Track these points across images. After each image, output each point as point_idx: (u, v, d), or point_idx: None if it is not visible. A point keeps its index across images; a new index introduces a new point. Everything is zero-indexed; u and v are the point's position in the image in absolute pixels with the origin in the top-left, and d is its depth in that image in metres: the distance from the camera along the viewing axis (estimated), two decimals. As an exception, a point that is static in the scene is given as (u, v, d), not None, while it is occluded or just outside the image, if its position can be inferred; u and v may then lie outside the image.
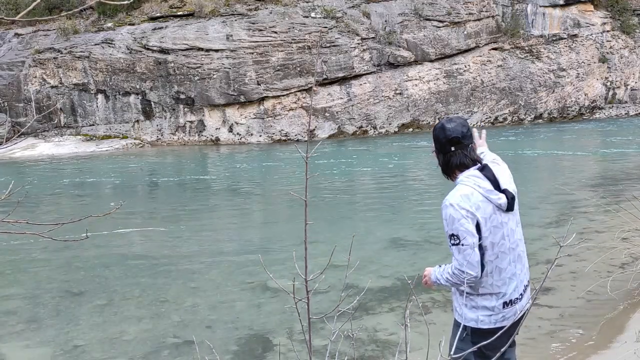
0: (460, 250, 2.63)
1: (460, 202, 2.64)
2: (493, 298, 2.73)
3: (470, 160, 2.77)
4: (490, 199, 2.69)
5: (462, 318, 2.78)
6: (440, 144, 2.76)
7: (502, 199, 2.72)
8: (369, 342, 4.88)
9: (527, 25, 25.12)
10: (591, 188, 11.50)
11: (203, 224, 9.78)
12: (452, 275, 2.70)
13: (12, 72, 22.82)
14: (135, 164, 17.98)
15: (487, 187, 2.71)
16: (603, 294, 5.31)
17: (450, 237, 2.65)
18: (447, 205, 2.66)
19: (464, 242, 2.62)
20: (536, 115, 25.07)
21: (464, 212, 2.62)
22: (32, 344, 5.20)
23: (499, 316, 2.73)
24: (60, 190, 13.96)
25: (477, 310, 2.74)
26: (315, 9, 22.95)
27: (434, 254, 7.18)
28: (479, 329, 2.72)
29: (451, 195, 2.69)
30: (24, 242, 8.51)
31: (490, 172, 2.77)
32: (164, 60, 21.78)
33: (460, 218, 2.62)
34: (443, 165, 2.80)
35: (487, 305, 2.73)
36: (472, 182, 2.70)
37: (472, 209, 2.64)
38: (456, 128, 2.75)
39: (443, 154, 2.77)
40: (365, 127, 22.81)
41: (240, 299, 6.06)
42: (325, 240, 7.92)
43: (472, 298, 2.75)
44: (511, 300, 2.76)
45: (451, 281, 2.73)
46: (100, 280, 6.88)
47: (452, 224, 2.63)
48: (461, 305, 2.79)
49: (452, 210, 2.64)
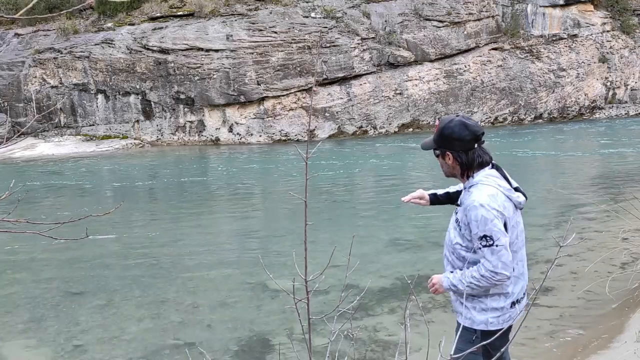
0: (494, 251, 2.56)
1: (490, 202, 2.59)
2: (502, 298, 2.70)
3: (489, 157, 2.73)
4: (511, 197, 2.66)
5: (472, 322, 2.73)
6: (464, 141, 2.67)
7: (521, 197, 2.71)
8: (369, 342, 4.88)
9: (527, 25, 25.11)
10: (591, 188, 11.50)
11: (203, 224, 9.77)
12: (481, 279, 2.60)
13: (12, 72, 22.81)
14: (135, 164, 17.98)
15: (506, 186, 2.68)
16: (603, 294, 5.31)
17: (482, 238, 2.57)
18: (477, 207, 2.58)
19: (498, 243, 2.55)
20: (536, 115, 25.07)
21: (495, 213, 2.57)
22: (32, 344, 5.20)
23: (506, 316, 2.71)
24: (60, 190, 13.96)
25: (487, 313, 2.71)
26: (315, 9, 22.95)
27: (434, 254, 7.18)
28: (488, 331, 2.69)
29: (478, 195, 2.61)
30: (24, 242, 8.50)
31: (502, 171, 2.75)
32: (164, 60, 21.78)
33: (492, 218, 2.56)
34: (466, 165, 2.70)
35: (496, 306, 2.70)
36: (493, 182, 2.66)
37: (500, 208, 2.59)
38: (477, 125, 2.71)
39: (466, 151, 2.69)
40: (365, 127, 22.80)
41: (240, 299, 6.06)
42: (325, 240, 7.92)
43: (482, 300, 2.71)
44: (518, 300, 2.75)
45: (477, 286, 2.63)
46: (100, 280, 6.88)
47: (485, 224, 2.56)
48: (469, 309, 2.74)
49: (483, 211, 2.57)
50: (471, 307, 2.74)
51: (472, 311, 2.74)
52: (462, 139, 2.67)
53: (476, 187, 2.67)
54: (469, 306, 2.75)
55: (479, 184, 2.67)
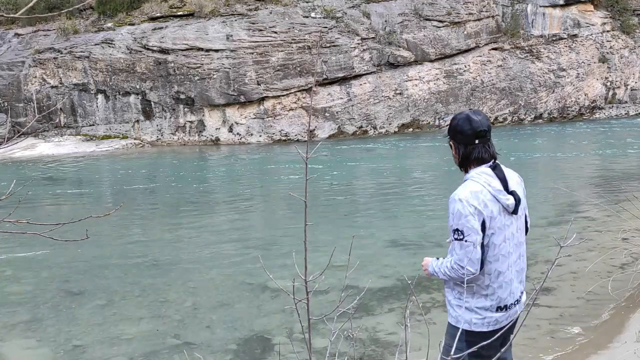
0: (463, 246, 2.61)
1: (470, 198, 2.62)
2: (487, 300, 2.71)
3: (489, 155, 2.74)
4: (498, 198, 2.67)
5: (456, 320, 2.76)
6: (465, 135, 2.71)
7: (510, 200, 2.70)
8: (369, 342, 4.88)
9: (527, 25, 25.11)
10: (591, 188, 11.50)
11: (203, 224, 9.77)
12: (450, 270, 2.69)
13: (12, 72, 22.81)
14: (135, 164, 17.98)
15: (496, 186, 2.69)
16: (603, 294, 5.31)
17: (454, 231, 2.63)
18: (455, 200, 2.64)
19: (467, 239, 2.60)
20: (536, 115, 25.07)
21: (471, 209, 2.60)
22: (32, 344, 5.20)
23: (492, 319, 2.71)
24: (60, 190, 13.96)
25: (471, 313, 2.73)
26: (315, 9, 22.95)
27: (434, 254, 7.16)
28: (471, 331, 2.71)
29: (460, 190, 2.67)
30: (24, 242, 8.50)
31: (501, 172, 2.75)
32: (164, 60, 21.78)
33: (467, 214, 2.59)
34: (462, 157, 2.75)
35: (479, 307, 2.71)
36: (483, 180, 2.68)
37: (480, 206, 2.61)
38: (483, 121, 2.72)
39: (465, 145, 2.72)
40: (365, 127, 22.80)
41: (240, 299, 6.06)
42: (325, 240, 7.92)
43: (467, 300, 2.73)
44: (506, 306, 2.73)
45: (449, 275, 2.72)
46: (100, 280, 6.88)
47: (459, 219, 2.61)
48: (455, 307, 2.78)
49: (460, 206, 2.61)
50: (457, 306, 2.79)
51: (457, 310, 2.78)
52: (463, 132, 2.72)
53: (465, 182, 2.73)
54: (456, 304, 2.79)
55: (469, 180, 2.72)
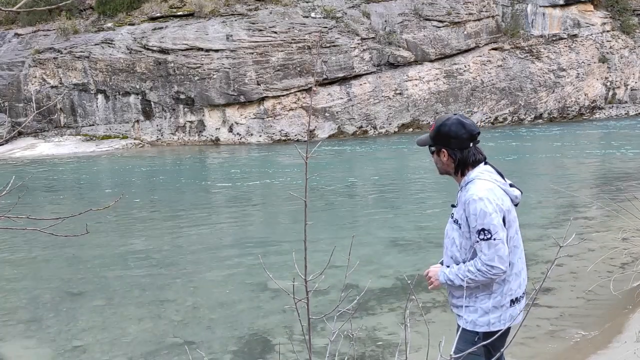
0: (491, 245, 2.57)
1: (489, 195, 2.61)
2: (502, 296, 2.70)
3: (482, 156, 2.77)
4: (508, 192, 2.69)
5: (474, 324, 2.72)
6: (461, 140, 2.71)
7: (516, 191, 2.73)
8: (369, 342, 4.88)
9: (527, 25, 25.11)
10: (591, 188, 11.50)
11: (203, 224, 9.77)
12: (477, 273, 2.61)
13: (12, 72, 22.81)
14: (135, 164, 17.98)
15: (501, 181, 2.71)
16: (603, 294, 5.31)
17: (480, 231, 2.58)
18: (476, 200, 2.60)
19: (495, 237, 2.56)
20: (536, 116, 25.06)
21: (494, 206, 2.59)
22: (32, 344, 5.20)
23: (507, 315, 2.71)
24: (60, 190, 13.96)
25: (488, 315, 2.70)
26: (315, 9, 22.94)
27: (434, 254, 7.17)
28: (491, 332, 2.69)
29: (476, 189, 2.63)
30: (24, 240, 8.50)
31: (496, 168, 2.78)
32: (164, 60, 21.78)
33: (491, 212, 2.57)
34: (460, 162, 2.74)
35: (496, 305, 2.69)
36: (490, 177, 2.68)
37: (499, 202, 2.61)
38: (473, 124, 2.75)
39: (461, 150, 2.73)
40: (365, 127, 22.80)
41: (240, 299, 6.06)
42: (325, 240, 7.92)
43: (483, 301, 2.70)
44: (517, 298, 2.74)
45: (474, 280, 2.63)
46: (100, 280, 6.87)
47: (484, 218, 2.57)
48: (470, 312, 2.74)
49: (482, 205, 2.58)
50: (472, 311, 2.73)
51: (472, 314, 2.73)
52: (459, 137, 2.72)
53: (473, 182, 2.70)
54: (469, 309, 2.74)
55: (476, 179, 2.70)
